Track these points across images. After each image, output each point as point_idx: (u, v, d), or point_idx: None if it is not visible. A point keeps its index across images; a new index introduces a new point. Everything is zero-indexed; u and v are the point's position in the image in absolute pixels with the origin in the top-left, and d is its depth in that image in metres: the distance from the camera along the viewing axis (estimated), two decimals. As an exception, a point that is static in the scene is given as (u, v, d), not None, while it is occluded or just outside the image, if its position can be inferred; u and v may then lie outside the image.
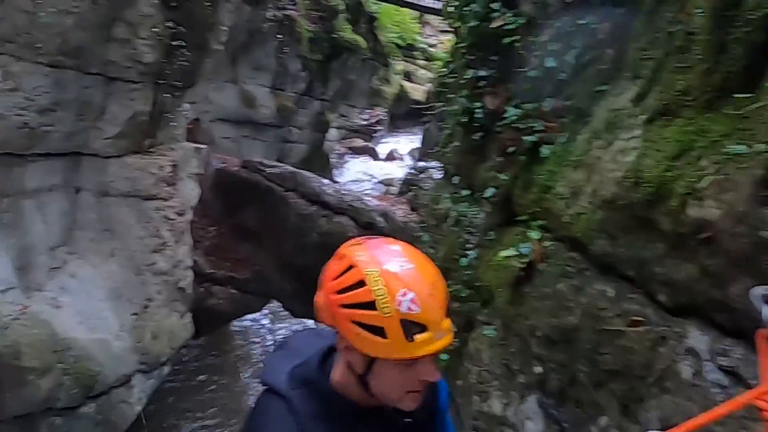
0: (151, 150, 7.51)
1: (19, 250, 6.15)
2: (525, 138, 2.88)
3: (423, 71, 26.44)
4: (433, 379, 1.45)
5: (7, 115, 5.46)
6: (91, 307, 6.78)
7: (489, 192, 3.25)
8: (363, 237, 1.54)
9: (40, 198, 6.42)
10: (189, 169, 8.60)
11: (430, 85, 22.78)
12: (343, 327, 1.42)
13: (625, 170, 2.33)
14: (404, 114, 24.77)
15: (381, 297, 1.33)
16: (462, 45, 3.86)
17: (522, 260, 2.67)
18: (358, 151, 22.16)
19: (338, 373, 1.56)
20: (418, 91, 24.84)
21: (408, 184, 9.52)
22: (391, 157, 22.15)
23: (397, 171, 19.87)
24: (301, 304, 10.22)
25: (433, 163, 9.20)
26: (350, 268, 1.41)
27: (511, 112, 3.04)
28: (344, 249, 1.49)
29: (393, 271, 1.37)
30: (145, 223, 7.16)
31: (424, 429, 1.65)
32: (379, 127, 23.69)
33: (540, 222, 2.74)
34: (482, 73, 3.40)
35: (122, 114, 6.67)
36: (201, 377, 10.47)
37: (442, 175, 4.85)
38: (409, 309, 1.33)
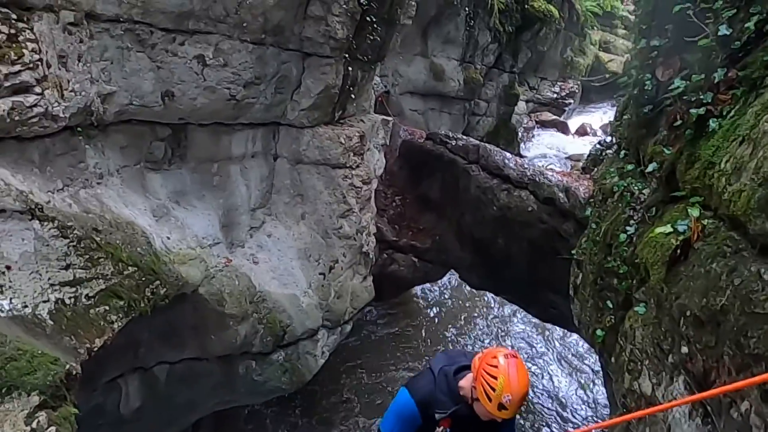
0: (341, 121, 8.00)
1: (225, 210, 6.93)
2: (692, 111, 2.67)
3: (622, 41, 24.96)
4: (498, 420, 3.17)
5: (218, 89, 6.11)
6: (283, 265, 7.45)
7: (651, 167, 3.11)
8: (510, 351, 3.15)
9: (243, 163, 7.14)
10: (376, 140, 9.03)
11: (628, 55, 21.46)
12: (477, 382, 3.14)
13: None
14: (599, 86, 23.60)
15: (499, 390, 3.00)
16: (636, 12, 3.64)
17: (679, 238, 2.53)
18: (547, 125, 21.59)
19: (466, 382, 3.35)
20: (615, 62, 23.54)
21: (593, 160, 9.13)
22: (582, 131, 21.34)
23: (588, 147, 19.09)
24: (477, 276, 10.31)
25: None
26: (497, 366, 3.06)
27: (678, 84, 2.85)
28: (499, 356, 3.11)
29: (511, 383, 2.99)
30: (333, 190, 7.67)
31: (494, 427, 3.31)
32: (570, 101, 22.84)
33: (700, 199, 2.57)
34: (655, 42, 3.19)
35: (315, 87, 7.15)
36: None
37: (614, 150, 4.63)
38: (507, 402, 2.99)
